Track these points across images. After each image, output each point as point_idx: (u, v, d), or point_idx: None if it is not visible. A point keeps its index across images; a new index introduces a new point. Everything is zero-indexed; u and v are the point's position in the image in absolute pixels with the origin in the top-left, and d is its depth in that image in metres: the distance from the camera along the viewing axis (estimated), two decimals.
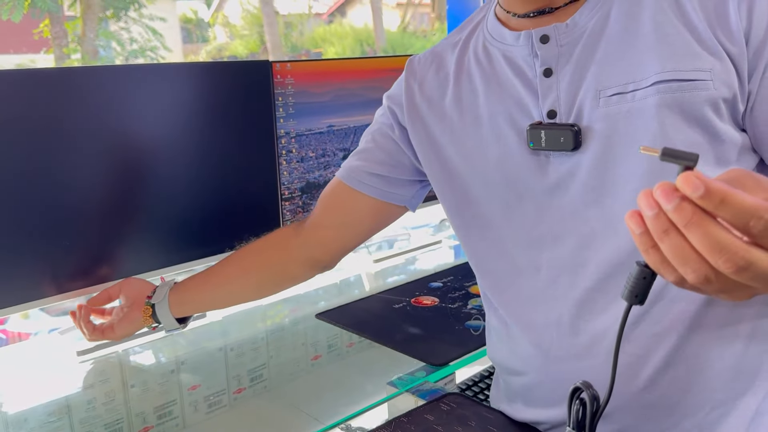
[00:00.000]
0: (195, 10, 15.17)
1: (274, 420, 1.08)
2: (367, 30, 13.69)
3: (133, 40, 9.27)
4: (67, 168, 1.13)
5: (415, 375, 1.01)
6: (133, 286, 1.14)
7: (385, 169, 0.94)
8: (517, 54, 0.79)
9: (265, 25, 11.45)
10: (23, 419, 1.06)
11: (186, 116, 1.26)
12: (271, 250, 1.07)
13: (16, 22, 8.44)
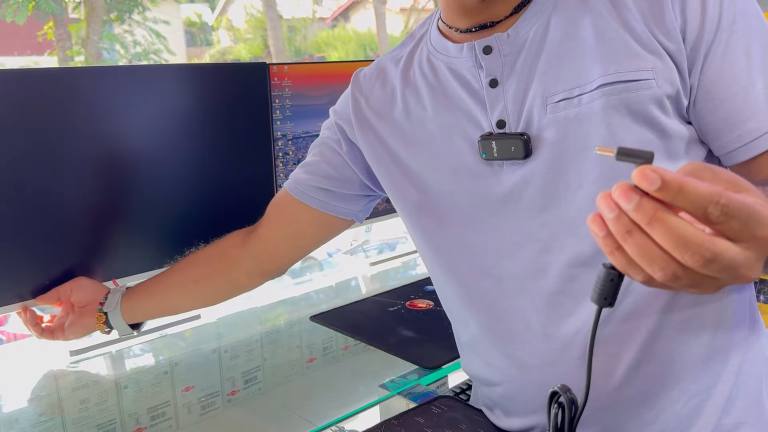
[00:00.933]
0: (199, 14, 15.24)
1: (267, 422, 1.08)
2: (370, 35, 13.73)
3: (137, 43, 9.31)
4: (64, 168, 1.13)
5: (408, 378, 1.01)
6: (84, 290, 1.14)
7: (331, 183, 0.95)
8: (461, 66, 0.79)
9: (269, 29, 11.48)
10: (14, 419, 1.06)
11: (183, 117, 1.26)
12: (218, 260, 1.09)
13: (21, 24, 8.48)
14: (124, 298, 1.13)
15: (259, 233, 1.06)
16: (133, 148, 1.21)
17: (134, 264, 1.26)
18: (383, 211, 1.62)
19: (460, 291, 0.84)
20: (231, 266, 1.09)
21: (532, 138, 0.74)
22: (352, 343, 1.32)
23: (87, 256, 1.20)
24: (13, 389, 1.15)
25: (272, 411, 1.10)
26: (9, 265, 1.12)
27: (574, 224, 0.73)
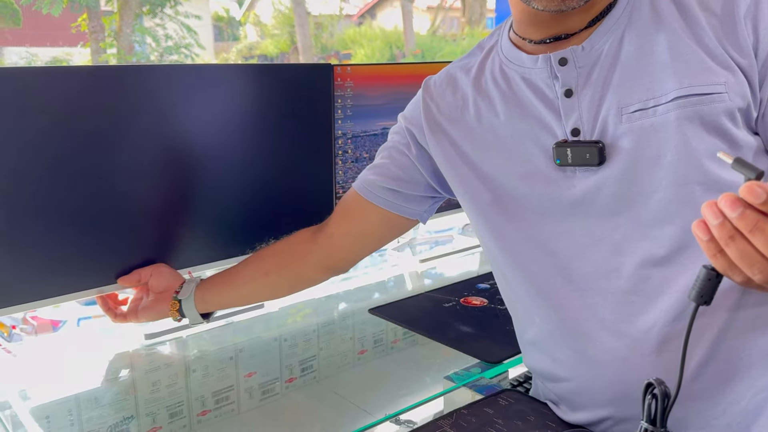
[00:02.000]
0: (227, 9, 15.36)
1: (324, 410, 1.13)
2: (396, 32, 13.74)
3: (168, 37, 9.43)
4: (142, 164, 1.18)
5: (471, 371, 1.05)
6: (163, 276, 1.19)
7: (398, 184, 1.00)
8: (536, 76, 0.83)
9: (297, 25, 11.56)
10: (93, 398, 1.11)
11: (248, 116, 1.31)
12: (288, 254, 1.14)
13: (56, 15, 8.63)
14: (198, 288, 1.17)
15: (327, 230, 1.11)
16: (202, 145, 1.26)
17: (201, 255, 1.31)
18: None
19: (528, 289, 0.88)
20: (299, 261, 1.14)
21: (607, 146, 0.78)
22: (401, 337, 1.37)
23: (158, 247, 1.25)
24: (93, 369, 1.21)
25: (328, 399, 1.15)
26: (93, 251, 1.18)
27: (647, 227, 0.77)
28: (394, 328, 1.37)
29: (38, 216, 1.10)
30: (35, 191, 1.09)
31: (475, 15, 14.19)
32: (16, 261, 1.10)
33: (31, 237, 1.10)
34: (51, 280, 1.15)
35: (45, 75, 1.08)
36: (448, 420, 0.91)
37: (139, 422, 1.05)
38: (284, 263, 1.15)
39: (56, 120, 1.09)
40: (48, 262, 1.13)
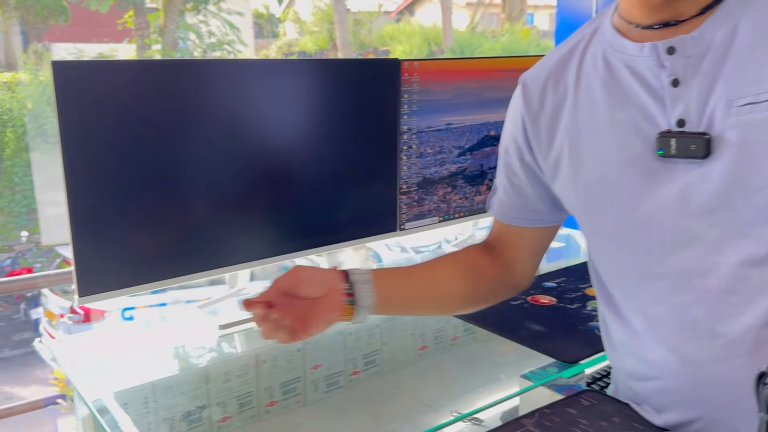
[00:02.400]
0: (267, 6, 15.52)
1: (387, 404, 1.13)
2: (435, 29, 13.69)
3: (211, 34, 9.57)
4: (201, 157, 1.20)
5: (547, 370, 1.04)
6: (315, 280, 0.89)
7: (536, 204, 0.96)
8: (640, 64, 0.80)
9: (336, 22, 11.61)
10: (168, 386, 1.13)
11: (317, 110, 1.32)
12: (481, 269, 1.00)
13: (104, 12, 8.85)
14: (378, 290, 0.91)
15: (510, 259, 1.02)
16: (271, 139, 1.28)
17: (257, 250, 1.31)
18: (483, 208, 1.64)
19: (620, 284, 0.86)
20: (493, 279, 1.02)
21: (713, 139, 0.75)
22: (460, 335, 1.36)
23: (227, 239, 1.26)
24: (170, 357, 1.23)
25: (390, 393, 1.15)
26: (170, 241, 1.20)
27: (749, 225, 0.74)
28: (454, 324, 1.36)
29: (138, 203, 1.13)
30: (133, 182, 1.11)
31: (515, 11, 14.04)
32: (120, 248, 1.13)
33: (132, 225, 1.13)
34: (147, 266, 1.17)
35: (141, 67, 1.12)
36: (531, 419, 0.89)
37: (211, 411, 1.07)
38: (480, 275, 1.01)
39: (152, 111, 1.12)
40: (145, 248, 1.16)
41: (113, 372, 1.17)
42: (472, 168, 1.58)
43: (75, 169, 1.06)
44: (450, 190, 1.56)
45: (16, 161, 8.18)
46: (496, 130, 1.60)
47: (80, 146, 1.06)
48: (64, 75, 1.03)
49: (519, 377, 1.03)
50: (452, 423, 1.03)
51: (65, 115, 1.04)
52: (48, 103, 8.35)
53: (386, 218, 1.47)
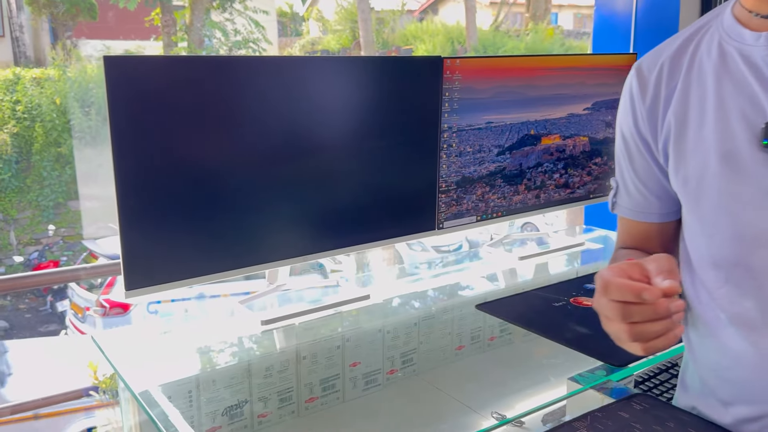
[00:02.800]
0: (290, 4, 15.57)
1: (426, 404, 1.12)
2: (458, 28, 13.64)
3: (237, 32, 9.63)
4: (245, 153, 1.20)
5: (596, 373, 1.02)
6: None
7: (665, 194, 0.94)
8: (756, 53, 0.80)
9: (360, 20, 11.60)
10: (211, 380, 1.14)
11: (358, 108, 1.32)
12: None
13: (131, 9, 8.95)
14: None
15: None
16: (310, 135, 1.27)
17: (309, 245, 1.31)
18: (521, 208, 1.63)
19: (711, 275, 0.85)
20: None
21: None
22: (497, 335, 1.35)
23: (272, 236, 1.26)
24: (213, 351, 1.24)
25: (429, 393, 1.14)
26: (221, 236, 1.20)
27: None
28: (491, 324, 1.35)
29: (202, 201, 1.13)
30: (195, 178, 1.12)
31: (540, 10, 13.93)
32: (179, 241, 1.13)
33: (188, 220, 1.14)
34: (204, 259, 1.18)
35: (190, 63, 1.12)
36: (583, 422, 0.88)
37: (252, 406, 1.07)
38: None
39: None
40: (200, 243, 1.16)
41: (158, 367, 1.18)
42: (511, 167, 1.57)
43: (125, 164, 1.07)
44: (488, 189, 1.54)
45: (44, 156, 8.31)
46: (537, 129, 1.59)
47: (130, 141, 1.07)
48: (115, 70, 1.04)
49: (566, 380, 1.02)
50: (499, 426, 1.01)
51: (116, 109, 1.04)
52: (75, 98, 8.47)
53: (425, 217, 1.46)
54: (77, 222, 8.57)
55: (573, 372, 1.04)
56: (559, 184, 1.67)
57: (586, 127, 1.68)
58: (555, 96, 1.59)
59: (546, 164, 1.63)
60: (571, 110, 1.64)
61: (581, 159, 1.69)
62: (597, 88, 1.66)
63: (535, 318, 1.26)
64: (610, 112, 1.71)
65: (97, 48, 10.10)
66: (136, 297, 1.12)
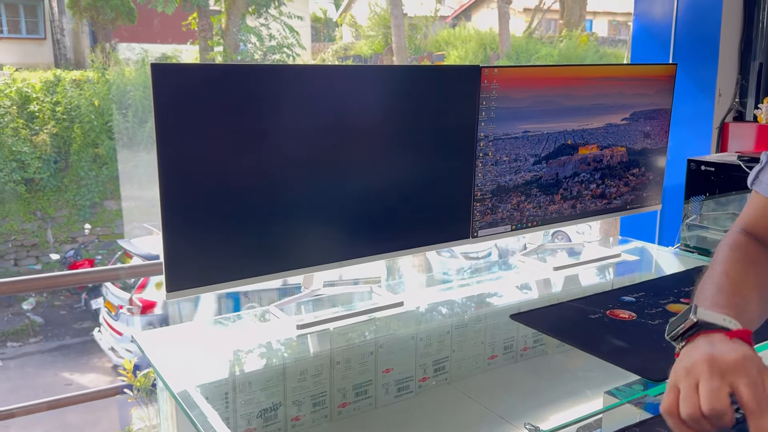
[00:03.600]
0: (324, 10, 15.71)
1: (458, 412, 1.11)
2: (491, 34, 13.59)
3: (272, 37, 9.75)
4: (285, 160, 1.22)
5: (633, 387, 1.01)
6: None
7: None
8: None
9: (393, 26, 11.65)
10: (247, 382, 1.16)
11: (396, 116, 1.33)
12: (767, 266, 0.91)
13: (169, 14, 9.13)
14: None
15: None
16: (351, 144, 1.29)
17: (346, 251, 1.32)
18: (557, 218, 1.62)
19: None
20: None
21: None
22: (530, 345, 1.34)
23: (311, 240, 1.28)
24: (249, 354, 1.26)
25: (459, 401, 1.14)
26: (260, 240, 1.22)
27: None
28: (524, 335, 1.34)
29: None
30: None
31: (574, 17, 13.80)
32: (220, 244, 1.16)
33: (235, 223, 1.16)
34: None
35: (233, 71, 1.14)
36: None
37: (287, 409, 1.08)
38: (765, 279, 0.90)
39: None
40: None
41: (196, 368, 1.20)
42: (548, 177, 1.56)
43: (169, 169, 1.09)
44: (524, 198, 1.54)
45: (82, 156, 8.52)
46: (574, 139, 1.58)
47: (174, 146, 1.09)
48: (162, 77, 1.06)
49: (603, 393, 1.01)
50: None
51: (161, 114, 1.07)
52: (113, 100, 8.67)
53: (460, 225, 1.46)
54: (112, 221, 8.76)
55: (609, 386, 1.03)
56: (595, 194, 1.66)
57: (624, 138, 1.66)
58: (593, 106, 1.58)
59: (583, 174, 1.62)
60: (609, 120, 1.62)
61: (618, 169, 1.68)
62: (636, 98, 1.65)
63: (570, 329, 1.25)
64: (648, 122, 1.69)
65: (135, 51, 10.32)
66: (177, 297, 1.15)
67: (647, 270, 1.78)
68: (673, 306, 1.33)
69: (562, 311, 1.34)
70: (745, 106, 2.01)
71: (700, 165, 1.69)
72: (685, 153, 1.79)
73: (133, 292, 6.06)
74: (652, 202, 1.77)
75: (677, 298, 1.37)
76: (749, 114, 2.00)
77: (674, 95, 1.71)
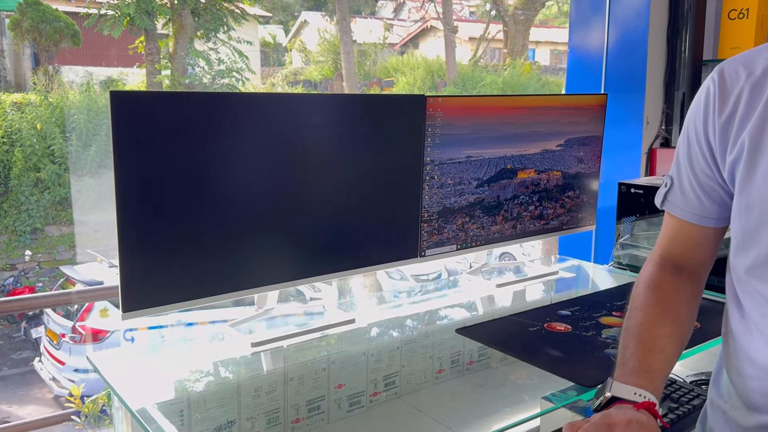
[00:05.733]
0: (273, 35, 15.78)
1: (408, 425, 1.17)
2: (438, 62, 13.92)
3: (221, 61, 9.73)
4: (238, 183, 1.26)
5: (567, 393, 1.09)
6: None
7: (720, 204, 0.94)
8: None
9: (343, 53, 11.81)
10: (203, 400, 1.18)
11: (346, 141, 1.39)
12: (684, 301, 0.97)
13: (116, 37, 9.02)
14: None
15: (694, 260, 1.00)
16: (303, 168, 1.34)
17: (292, 271, 1.37)
18: (499, 237, 1.71)
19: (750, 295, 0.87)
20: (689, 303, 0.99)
21: None
22: (476, 359, 1.41)
23: (256, 264, 1.32)
24: (204, 372, 1.29)
25: (410, 416, 1.19)
26: None
27: None
28: (470, 349, 1.41)
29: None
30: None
31: (517, 47, 14.30)
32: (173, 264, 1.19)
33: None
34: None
35: (189, 98, 1.19)
36: None
37: (241, 426, 1.11)
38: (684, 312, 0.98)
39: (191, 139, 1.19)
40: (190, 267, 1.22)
41: (151, 386, 1.22)
42: (489, 199, 1.65)
43: (126, 191, 1.13)
44: (468, 219, 1.63)
45: (22, 180, 8.25)
46: (513, 164, 1.68)
47: (131, 169, 1.13)
48: (120, 104, 1.10)
49: (540, 399, 1.09)
50: None
51: (119, 140, 1.11)
52: (56, 124, 8.46)
53: (408, 244, 1.53)
54: (54, 247, 8.49)
55: (546, 392, 1.10)
56: (534, 215, 1.76)
57: (559, 163, 1.77)
58: (530, 133, 1.69)
59: (522, 196, 1.72)
60: (545, 146, 1.73)
61: (555, 192, 1.79)
62: (569, 126, 1.77)
63: (511, 341, 1.33)
64: (581, 148, 1.81)
65: (79, 74, 10.12)
66: (132, 318, 1.17)
67: (583, 286, 1.89)
68: (605, 318, 1.43)
69: (504, 325, 1.42)
70: (671, 132, 2.16)
71: (630, 188, 1.81)
72: (617, 177, 1.91)
73: (77, 319, 5.88)
74: (587, 223, 1.89)
75: (609, 311, 1.48)
76: (674, 140, 2.16)
77: (605, 123, 1.84)
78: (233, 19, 9.81)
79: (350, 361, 1.35)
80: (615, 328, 1.37)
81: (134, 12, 8.79)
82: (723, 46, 2.11)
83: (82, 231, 8.38)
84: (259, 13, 13.13)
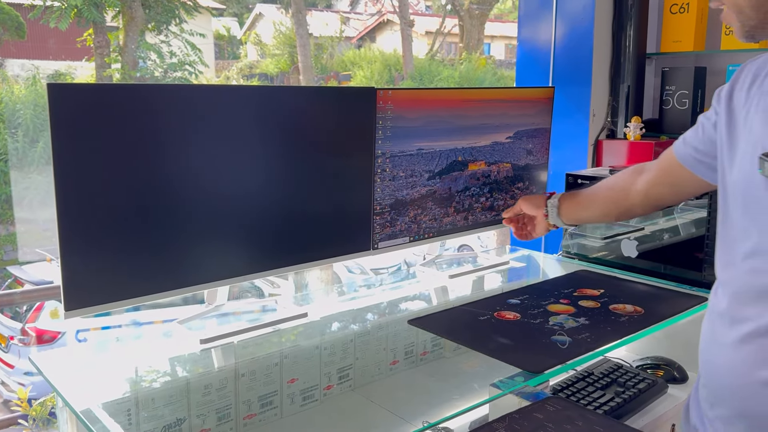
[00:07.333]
0: (228, 28, 15.53)
1: (360, 417, 1.19)
2: (395, 56, 13.94)
3: (173, 54, 9.53)
4: (184, 178, 1.24)
5: (515, 379, 1.11)
6: (530, 203, 1.55)
7: (708, 158, 1.09)
8: None
9: (299, 46, 11.71)
10: (150, 399, 1.16)
11: (296, 134, 1.38)
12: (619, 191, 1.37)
13: (63, 29, 8.73)
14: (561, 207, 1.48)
15: (650, 180, 1.28)
16: (252, 161, 1.33)
17: (231, 268, 1.35)
18: (451, 229, 1.73)
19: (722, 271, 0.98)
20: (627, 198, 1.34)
21: None
22: (429, 349, 1.43)
23: (209, 256, 1.30)
24: (152, 371, 1.26)
25: (364, 407, 1.21)
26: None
27: None
28: (423, 340, 1.43)
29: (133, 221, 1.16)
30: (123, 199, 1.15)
31: (473, 41, 14.44)
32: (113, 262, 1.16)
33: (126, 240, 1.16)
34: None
35: (132, 91, 1.17)
36: (502, 423, 0.97)
37: (191, 424, 1.10)
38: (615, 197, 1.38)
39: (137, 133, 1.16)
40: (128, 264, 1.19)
41: (97, 386, 1.20)
42: (441, 191, 1.67)
43: (66, 188, 1.10)
44: (420, 211, 1.64)
45: None
46: (464, 156, 1.70)
47: (71, 165, 1.10)
48: (58, 97, 1.07)
49: (488, 386, 1.10)
50: (425, 430, 1.08)
51: (58, 133, 1.08)
52: (1, 119, 8.15)
53: (361, 237, 1.53)
54: (0, 247, 8.20)
55: (494, 379, 1.12)
56: (485, 206, 1.78)
57: (508, 155, 1.80)
58: (480, 125, 1.71)
59: (473, 188, 1.74)
60: (495, 138, 1.76)
61: (505, 184, 1.81)
62: (519, 118, 1.79)
63: (461, 330, 1.34)
64: (530, 140, 1.84)
65: (25, 68, 9.76)
66: (75, 316, 1.14)
67: (534, 275, 1.92)
68: (553, 306, 1.46)
69: (455, 315, 1.43)
70: (617, 125, 2.22)
71: (577, 178, 1.85)
72: (564, 168, 1.95)
73: (26, 321, 5.70)
74: None
75: (557, 299, 1.51)
76: (620, 132, 2.21)
77: (553, 115, 1.88)
78: (185, 11, 9.61)
79: (303, 355, 1.35)
80: (562, 315, 1.40)
81: (82, 3, 8.52)
82: (665, 40, 2.17)
83: (30, 229, 8.10)
84: (213, 5, 12.90)
